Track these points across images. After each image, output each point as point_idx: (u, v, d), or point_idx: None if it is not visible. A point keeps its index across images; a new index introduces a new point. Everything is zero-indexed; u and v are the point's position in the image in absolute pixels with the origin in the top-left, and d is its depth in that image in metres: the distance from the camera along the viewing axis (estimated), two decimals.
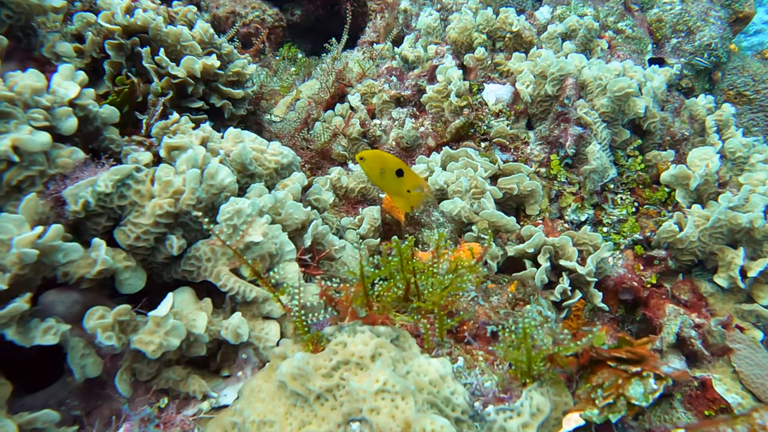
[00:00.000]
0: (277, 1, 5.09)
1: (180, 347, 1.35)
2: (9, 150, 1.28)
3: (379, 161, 1.75)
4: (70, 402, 1.39)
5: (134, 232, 1.44)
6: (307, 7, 5.13)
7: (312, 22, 5.15)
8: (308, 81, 4.20)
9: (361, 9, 5.00)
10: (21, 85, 1.34)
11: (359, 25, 5.08)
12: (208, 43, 2.32)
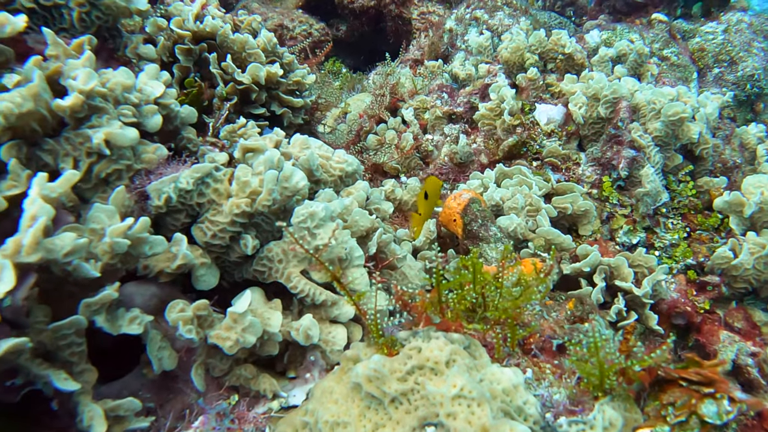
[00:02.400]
0: (324, 16, 5.18)
1: (254, 345, 1.37)
2: (102, 143, 1.32)
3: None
4: (142, 393, 1.41)
5: (211, 229, 1.47)
6: (352, 23, 5.21)
7: (356, 38, 5.23)
8: (355, 95, 4.26)
9: (405, 27, 5.06)
10: (113, 81, 1.38)
11: (403, 43, 5.14)
12: (271, 52, 2.37)
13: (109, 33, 1.69)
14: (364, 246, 1.71)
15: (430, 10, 5.04)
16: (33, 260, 1.07)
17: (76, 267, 1.16)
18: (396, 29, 5.13)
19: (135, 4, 1.69)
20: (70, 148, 1.34)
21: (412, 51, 4.96)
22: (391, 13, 5.04)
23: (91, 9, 1.62)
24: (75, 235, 1.12)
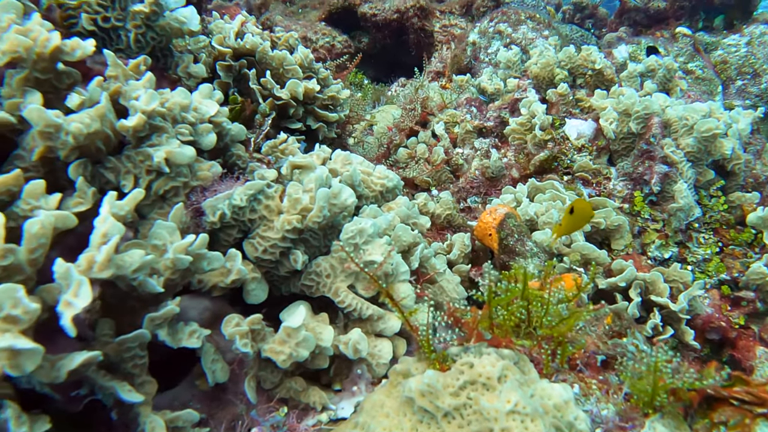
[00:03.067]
0: (346, 29, 5.24)
1: (305, 359, 1.40)
2: (162, 162, 1.36)
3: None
4: (193, 404, 1.45)
5: (262, 245, 1.50)
6: (374, 35, 5.26)
7: (378, 49, 5.28)
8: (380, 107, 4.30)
9: (427, 40, 5.11)
10: (172, 102, 1.42)
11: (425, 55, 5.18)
12: (307, 67, 2.42)
13: (161, 53, 1.74)
14: (407, 261, 1.74)
15: (452, 23, 5.09)
16: (105, 276, 1.11)
17: (141, 282, 1.19)
18: (418, 41, 5.17)
19: (187, 26, 1.73)
20: (131, 166, 1.38)
21: (434, 63, 5.01)
22: (413, 26, 5.09)
23: (147, 30, 1.67)
24: (143, 252, 1.16)
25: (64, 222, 1.18)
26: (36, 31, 1.29)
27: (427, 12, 5.08)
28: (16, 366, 1.01)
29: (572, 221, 1.83)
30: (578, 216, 1.82)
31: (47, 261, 1.10)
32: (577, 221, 1.84)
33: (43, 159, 1.30)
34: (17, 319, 1.01)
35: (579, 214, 1.81)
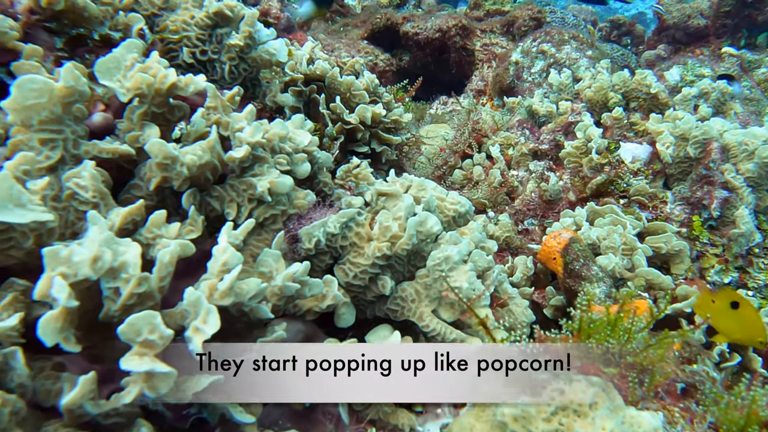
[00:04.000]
0: (388, 47, 5.32)
1: None
2: (265, 191, 1.43)
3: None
4: (282, 423, 1.51)
5: (353, 270, 1.57)
6: (416, 53, 5.34)
7: (419, 68, 5.35)
8: (425, 125, 4.36)
9: (468, 58, 5.17)
10: (272, 133, 1.50)
11: (466, 74, 5.24)
12: (372, 92, 2.49)
13: (250, 83, 1.82)
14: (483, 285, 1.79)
15: (492, 42, 5.14)
16: (226, 303, 1.18)
17: (253, 309, 1.26)
18: (459, 60, 5.24)
19: (277, 57, 1.82)
20: (234, 195, 1.45)
21: (475, 81, 5.07)
22: (455, 45, 5.16)
23: (240, 62, 1.75)
24: (259, 281, 1.23)
25: (185, 250, 1.26)
26: (155, 69, 1.37)
27: (469, 31, 5.15)
28: (153, 388, 1.08)
29: (738, 322, 1.75)
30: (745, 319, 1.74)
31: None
32: (745, 325, 1.75)
33: (158, 188, 1.38)
34: (154, 344, 1.08)
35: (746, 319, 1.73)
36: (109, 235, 1.12)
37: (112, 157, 1.35)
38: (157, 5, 1.70)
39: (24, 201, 1.11)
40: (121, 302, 1.12)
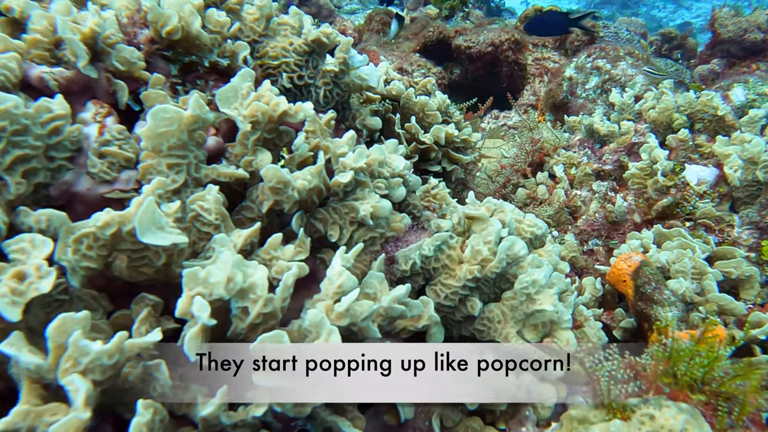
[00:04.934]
0: (440, 60, 5.39)
1: None
2: (368, 215, 1.50)
3: None
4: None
5: (444, 291, 1.63)
6: (468, 67, 5.39)
7: (470, 81, 5.41)
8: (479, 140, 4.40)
9: (520, 72, 5.20)
10: (371, 158, 1.57)
11: (517, 87, 5.28)
12: (444, 112, 2.56)
13: (341, 106, 1.90)
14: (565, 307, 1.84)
15: (545, 56, 5.17)
16: (342, 324, 1.25)
17: (363, 329, 1.33)
18: (511, 74, 5.28)
19: (368, 82, 1.89)
20: (337, 217, 1.53)
21: (526, 96, 5.10)
22: (507, 59, 5.20)
23: (334, 87, 1.83)
24: (372, 303, 1.30)
25: (301, 272, 1.33)
26: (267, 97, 1.46)
27: (521, 45, 5.18)
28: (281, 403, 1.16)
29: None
30: None
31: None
32: None
33: (269, 211, 1.46)
34: None
35: None
36: (239, 258, 1.20)
37: (228, 180, 1.44)
38: (257, 32, 1.79)
39: (163, 224, 1.20)
40: (249, 321, 1.20)
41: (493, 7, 11.67)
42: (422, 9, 7.50)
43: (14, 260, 1.14)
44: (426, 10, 7.25)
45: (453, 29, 5.46)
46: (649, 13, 17.50)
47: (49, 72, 1.38)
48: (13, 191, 1.23)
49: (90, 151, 1.34)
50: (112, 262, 1.26)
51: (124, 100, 1.44)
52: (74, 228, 1.23)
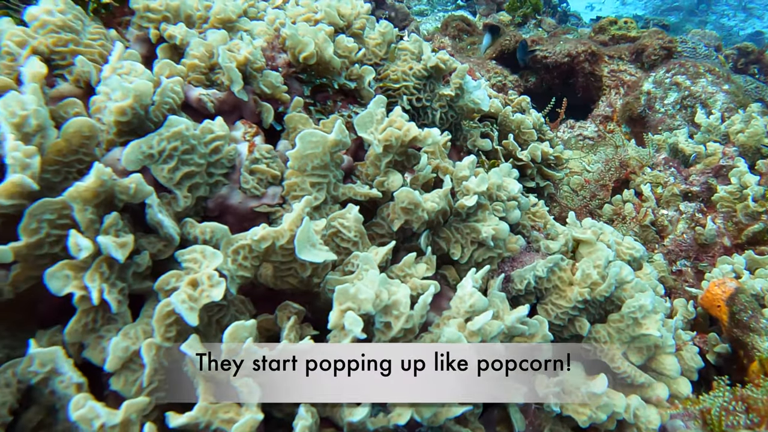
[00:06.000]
0: (515, 68, 5.42)
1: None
2: (489, 236, 1.58)
3: None
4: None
5: (554, 311, 1.70)
6: (543, 76, 5.40)
7: (544, 90, 5.42)
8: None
9: (596, 83, 5.19)
10: (491, 182, 1.65)
11: (592, 98, 5.27)
12: (538, 129, 2.61)
13: (454, 128, 1.99)
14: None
15: (621, 69, 5.14)
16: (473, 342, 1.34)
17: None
18: (586, 85, 5.27)
19: (480, 106, 1.97)
20: (459, 237, 1.61)
21: (601, 107, 5.08)
22: (583, 70, 5.19)
23: (449, 110, 1.92)
24: (501, 323, 1.38)
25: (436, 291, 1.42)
26: (398, 122, 1.55)
27: (597, 57, 5.17)
28: (419, 413, 1.25)
29: None
30: None
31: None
32: None
33: (400, 229, 1.55)
34: None
35: None
36: (384, 277, 1.30)
37: (362, 199, 1.54)
38: (379, 56, 1.89)
39: (315, 241, 1.31)
40: (391, 335, 1.30)
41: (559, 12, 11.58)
42: (495, 15, 7.53)
43: (187, 269, 1.26)
44: (499, 17, 7.28)
45: (530, 38, 5.48)
46: (719, 22, 17.00)
47: (206, 94, 1.51)
48: (181, 204, 1.35)
49: (242, 168, 1.46)
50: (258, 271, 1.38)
51: (269, 121, 1.56)
52: (233, 240, 1.36)
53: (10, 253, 1.10)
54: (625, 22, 5.80)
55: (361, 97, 1.80)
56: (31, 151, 1.13)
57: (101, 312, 1.20)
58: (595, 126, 4.81)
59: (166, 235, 1.28)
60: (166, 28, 1.58)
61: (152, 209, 1.26)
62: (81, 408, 1.04)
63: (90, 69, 1.46)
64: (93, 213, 1.17)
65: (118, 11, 1.65)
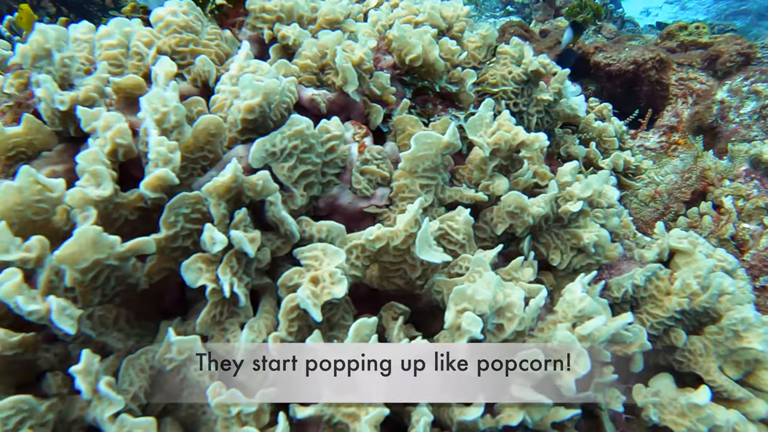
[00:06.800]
0: (576, 76, 5.36)
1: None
2: (591, 243, 1.58)
3: None
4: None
5: (650, 320, 1.68)
6: (604, 84, 5.34)
7: (604, 98, 5.34)
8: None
9: (661, 92, 5.10)
10: (594, 189, 1.64)
11: (656, 107, 5.17)
12: (619, 137, 2.59)
13: (548, 133, 1.99)
14: None
15: (690, 77, 5.04)
16: (585, 347, 1.34)
17: (596, 351, 1.41)
18: (651, 93, 5.18)
19: (576, 112, 1.98)
20: (559, 243, 1.62)
21: (667, 117, 4.99)
22: (649, 78, 5.11)
23: (545, 115, 1.93)
24: (610, 329, 1.37)
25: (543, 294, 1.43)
26: (507, 126, 1.56)
27: (666, 64, 5.08)
28: (530, 414, 1.27)
29: None
30: None
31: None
32: None
33: (504, 234, 1.57)
34: (535, 377, 1.26)
35: None
36: (499, 279, 1.31)
37: (468, 202, 1.56)
38: (477, 59, 1.91)
39: (432, 243, 1.33)
40: (503, 337, 1.31)
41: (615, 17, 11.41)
42: (552, 21, 7.47)
43: (307, 266, 1.30)
44: (556, 23, 7.21)
45: (593, 45, 5.42)
46: None
47: (318, 94, 1.55)
48: (298, 202, 1.39)
49: (354, 169, 1.50)
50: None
51: (378, 122, 1.59)
52: (347, 239, 1.39)
53: (154, 244, 1.15)
54: (696, 27, 5.68)
55: (459, 101, 1.81)
56: (174, 146, 1.19)
57: (227, 305, 1.25)
58: (658, 136, 4.73)
59: (287, 232, 1.32)
60: (279, 28, 1.63)
61: (275, 206, 1.30)
62: (219, 395, 1.08)
63: (210, 68, 1.51)
64: (225, 208, 1.22)
65: (231, 12, 1.70)
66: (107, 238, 1.09)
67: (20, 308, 1.00)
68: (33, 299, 1.02)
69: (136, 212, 1.27)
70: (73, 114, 1.33)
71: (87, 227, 1.06)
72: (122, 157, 1.27)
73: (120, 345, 1.21)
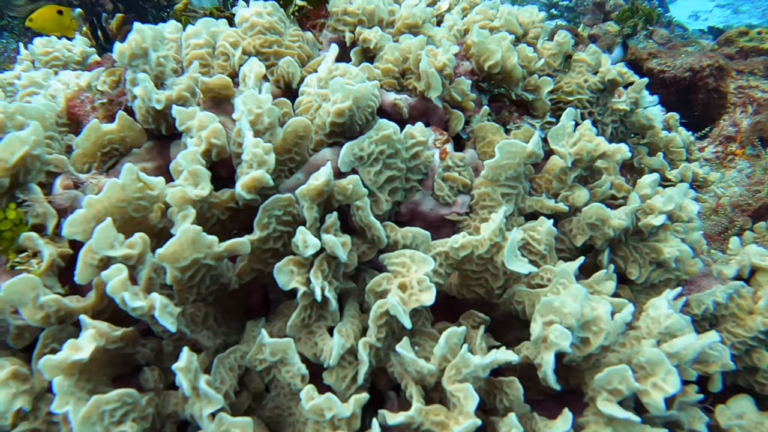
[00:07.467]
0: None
1: None
2: (672, 258, 1.55)
3: None
4: None
5: (731, 339, 1.64)
6: (657, 91, 5.22)
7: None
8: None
9: (718, 101, 4.98)
10: (676, 203, 1.60)
11: (711, 117, 5.06)
12: (687, 147, 2.53)
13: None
14: None
15: (751, 85, 4.91)
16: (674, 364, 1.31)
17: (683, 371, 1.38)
18: (708, 102, 5.06)
19: (652, 122, 1.94)
20: (638, 256, 1.59)
21: (724, 126, 4.87)
22: (706, 86, 4.99)
23: (620, 125, 1.89)
24: (698, 346, 1.34)
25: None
26: (588, 136, 1.54)
27: (725, 72, 4.96)
28: (616, 430, 1.24)
29: None
30: None
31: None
32: None
33: (582, 245, 1.54)
34: (621, 393, 1.24)
35: None
36: (586, 291, 1.29)
37: (548, 212, 1.54)
38: (552, 66, 1.88)
39: (518, 253, 1.31)
40: (588, 351, 1.29)
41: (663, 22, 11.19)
42: (601, 26, 7.36)
43: (394, 272, 1.29)
44: (606, 27, 7.11)
45: (646, 51, 5.32)
46: None
47: (400, 99, 1.54)
48: (383, 207, 1.39)
49: (436, 175, 1.49)
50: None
51: (458, 129, 1.58)
52: (431, 246, 1.38)
53: (249, 245, 1.16)
54: (759, 32, 5.54)
55: (534, 109, 1.79)
56: (269, 147, 1.19)
57: (315, 308, 1.25)
58: (714, 147, 4.62)
59: (375, 237, 1.32)
60: (361, 31, 1.63)
61: (364, 211, 1.30)
62: (313, 399, 1.09)
63: (295, 70, 1.52)
64: (317, 211, 1.22)
65: (312, 14, 1.71)
66: (206, 238, 1.10)
67: (126, 304, 1.02)
68: (136, 296, 1.04)
69: (227, 212, 1.28)
70: (166, 112, 1.35)
71: (188, 226, 1.07)
72: (215, 157, 1.28)
73: (209, 343, 1.22)
